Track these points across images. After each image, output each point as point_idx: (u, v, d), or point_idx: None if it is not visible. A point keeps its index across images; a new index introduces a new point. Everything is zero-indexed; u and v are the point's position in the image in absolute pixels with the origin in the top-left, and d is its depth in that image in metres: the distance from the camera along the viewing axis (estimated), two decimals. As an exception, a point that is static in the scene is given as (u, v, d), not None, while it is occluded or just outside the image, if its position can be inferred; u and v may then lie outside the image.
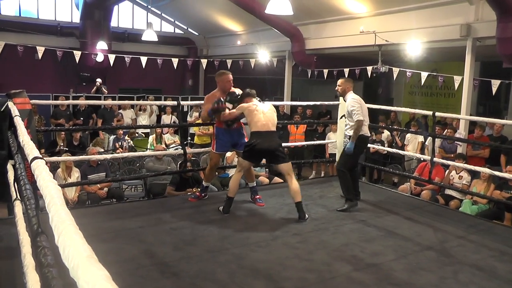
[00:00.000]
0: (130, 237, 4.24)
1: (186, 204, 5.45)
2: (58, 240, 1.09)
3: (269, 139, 4.90)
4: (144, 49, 15.05)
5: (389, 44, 9.89)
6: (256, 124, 4.93)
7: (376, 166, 8.07)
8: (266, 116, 5.01)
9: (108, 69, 13.98)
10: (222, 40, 16.04)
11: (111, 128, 10.29)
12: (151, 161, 8.08)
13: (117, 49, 14.49)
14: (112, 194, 7.33)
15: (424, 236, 4.56)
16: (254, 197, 5.52)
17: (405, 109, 7.81)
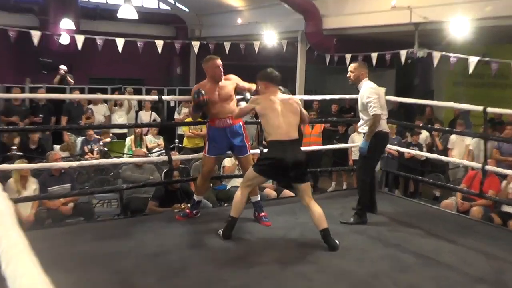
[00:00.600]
0: (102, 265, 4.22)
1: (173, 223, 5.43)
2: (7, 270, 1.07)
3: (294, 152, 4.81)
4: (121, 29, 15.09)
5: (428, 22, 9.89)
6: (276, 131, 4.82)
7: (412, 176, 8.06)
8: (287, 117, 4.89)
9: (75, 53, 13.99)
10: (218, 18, 16.10)
11: (79, 128, 10.34)
12: (128, 169, 8.09)
13: (87, 28, 14.54)
14: (79, 210, 7.32)
15: (475, 265, 4.51)
16: (258, 215, 5.51)
17: (448, 103, 7.81)
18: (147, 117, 12.18)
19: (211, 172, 5.64)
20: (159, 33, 16.57)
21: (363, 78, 5.60)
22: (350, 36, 12.53)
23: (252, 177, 4.95)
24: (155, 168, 8.35)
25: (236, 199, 4.92)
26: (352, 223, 5.48)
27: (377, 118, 5.38)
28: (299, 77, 13.71)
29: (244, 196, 4.94)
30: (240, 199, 4.91)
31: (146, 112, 12.34)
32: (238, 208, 4.91)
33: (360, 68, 5.62)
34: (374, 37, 12.38)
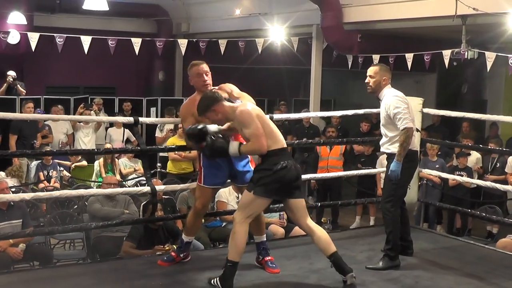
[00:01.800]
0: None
1: (154, 270, 5.40)
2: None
3: (289, 157, 5.03)
4: (87, 25, 15.14)
5: (479, 14, 9.92)
6: (277, 138, 4.97)
7: (459, 208, 8.01)
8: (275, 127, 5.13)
9: (27, 56, 14.06)
10: (211, 9, 16.08)
11: (31, 155, 10.16)
12: (97, 201, 8.09)
13: (43, 24, 14.59)
14: (33, 253, 7.30)
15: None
16: (263, 260, 5.48)
17: (505, 118, 7.78)
18: (119, 136, 12.23)
19: (206, 207, 5.61)
20: (136, 29, 16.58)
21: (386, 85, 5.66)
22: (379, 32, 12.56)
23: (252, 203, 4.92)
24: (131, 200, 8.36)
25: (235, 237, 4.86)
26: (381, 269, 5.48)
27: (410, 133, 5.41)
28: (313, 83, 13.71)
29: (246, 232, 4.91)
30: (242, 236, 4.87)
31: (118, 129, 12.39)
32: (238, 249, 4.85)
33: (382, 73, 5.66)
34: (409, 33, 12.41)
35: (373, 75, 5.63)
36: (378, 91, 5.65)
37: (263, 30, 13.68)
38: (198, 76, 5.41)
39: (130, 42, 13.37)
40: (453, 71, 13.66)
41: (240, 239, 4.85)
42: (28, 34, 12.83)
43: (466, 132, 11.88)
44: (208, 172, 5.39)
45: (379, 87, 5.63)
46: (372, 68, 5.72)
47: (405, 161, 5.49)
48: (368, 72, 5.69)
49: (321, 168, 10.64)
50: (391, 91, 5.62)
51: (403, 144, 5.40)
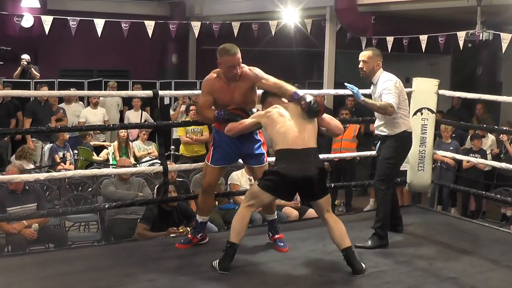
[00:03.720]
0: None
1: (168, 252, 5.43)
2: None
3: (307, 162, 4.87)
4: (100, 8, 15.16)
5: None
6: (285, 137, 4.90)
7: (474, 190, 7.98)
8: (299, 121, 4.98)
9: (41, 39, 14.10)
10: (224, -8, 16.08)
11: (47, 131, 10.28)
12: (111, 183, 8.11)
13: (56, 7, 14.57)
14: (48, 235, 7.31)
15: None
16: (272, 237, 5.53)
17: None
18: (137, 118, 12.26)
19: (212, 186, 5.58)
20: (149, 12, 16.60)
21: (379, 69, 5.72)
22: (393, 14, 12.50)
23: (256, 193, 4.96)
24: (145, 182, 8.38)
25: (236, 220, 4.92)
26: (369, 247, 5.55)
27: (389, 109, 5.44)
28: (327, 65, 13.67)
29: (246, 217, 4.95)
30: (241, 220, 4.92)
31: (136, 112, 12.42)
32: (238, 231, 4.89)
33: (375, 57, 5.72)
34: (423, 14, 12.33)
35: (366, 60, 5.70)
36: (371, 76, 5.73)
37: (277, 12, 13.65)
38: (230, 68, 5.20)
39: (143, 25, 13.38)
40: (468, 53, 13.57)
41: (238, 221, 4.91)
42: (41, 18, 12.86)
43: (480, 114, 11.82)
44: (217, 151, 5.41)
45: (372, 72, 5.71)
46: (365, 53, 5.76)
47: (400, 142, 5.69)
48: (361, 57, 5.74)
49: (335, 150, 10.58)
50: (386, 75, 5.69)
51: (379, 108, 5.49)
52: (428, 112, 6.93)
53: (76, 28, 13.02)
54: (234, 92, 5.27)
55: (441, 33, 11.85)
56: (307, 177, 4.82)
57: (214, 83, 5.33)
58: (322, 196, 4.96)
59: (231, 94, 5.27)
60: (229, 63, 5.18)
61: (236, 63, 5.18)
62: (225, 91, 5.27)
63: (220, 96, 5.29)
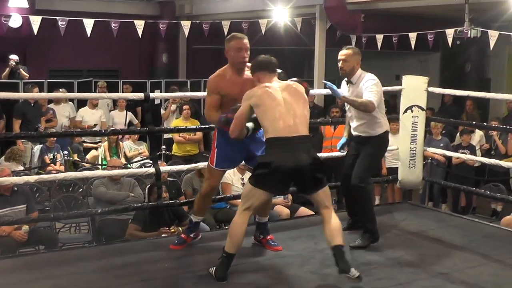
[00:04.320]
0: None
1: (159, 252, 5.42)
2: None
3: (298, 150, 4.62)
4: (89, 7, 15.11)
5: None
6: (275, 125, 4.65)
7: (464, 187, 8.01)
8: (290, 107, 4.74)
9: (29, 40, 14.03)
10: (214, -9, 16.08)
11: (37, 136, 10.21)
12: (102, 184, 8.10)
13: (45, 7, 14.46)
14: (38, 237, 7.30)
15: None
16: (264, 239, 5.48)
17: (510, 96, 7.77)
18: (122, 118, 12.23)
19: (215, 189, 5.53)
20: (139, 11, 16.54)
21: (358, 68, 5.67)
22: (382, 12, 12.51)
23: (250, 192, 4.73)
24: (136, 182, 8.36)
25: (233, 228, 4.70)
26: (364, 246, 5.51)
27: (370, 107, 5.41)
28: (317, 64, 13.71)
29: (244, 224, 4.69)
30: (239, 228, 4.68)
31: (120, 112, 12.38)
32: (236, 240, 4.68)
33: (356, 56, 5.66)
34: (413, 12, 12.35)
35: (347, 59, 5.63)
36: (351, 75, 5.66)
37: (267, 11, 13.65)
38: (237, 51, 5.11)
39: (133, 24, 13.35)
40: (457, 50, 13.64)
41: (235, 230, 4.68)
42: (30, 18, 12.79)
43: (469, 110, 11.87)
44: (221, 154, 5.24)
45: (352, 71, 5.64)
46: (345, 51, 5.68)
47: (381, 142, 5.72)
48: (341, 56, 5.67)
49: (325, 148, 10.59)
50: (368, 75, 5.63)
51: (360, 104, 5.44)
52: (418, 109, 6.95)
53: (65, 28, 12.97)
54: (245, 85, 5.06)
55: (430, 30, 11.88)
56: (299, 166, 4.57)
57: (219, 80, 5.18)
58: (317, 189, 4.71)
59: (241, 88, 5.05)
60: (237, 45, 5.12)
61: (243, 46, 5.12)
62: (234, 84, 5.12)
63: (229, 91, 5.11)
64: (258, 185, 4.66)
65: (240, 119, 4.78)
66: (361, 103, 5.45)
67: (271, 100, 4.72)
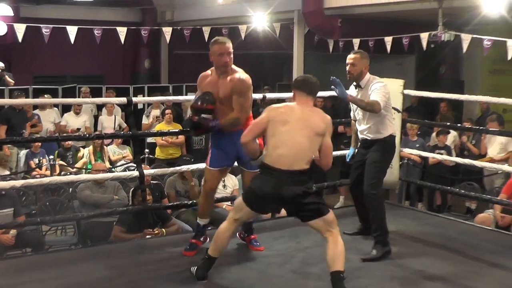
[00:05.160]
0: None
1: (143, 254, 5.41)
2: None
3: (283, 184, 4.41)
4: (73, 15, 15.05)
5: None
6: (272, 152, 4.50)
7: (439, 186, 8.05)
8: (295, 138, 4.49)
9: (14, 47, 13.94)
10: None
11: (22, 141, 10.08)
12: (87, 187, 8.06)
13: (29, 15, 14.45)
14: (25, 240, 7.25)
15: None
16: (248, 237, 5.49)
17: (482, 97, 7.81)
18: (111, 123, 12.17)
19: (214, 189, 5.49)
20: (122, 18, 16.56)
21: (367, 72, 5.55)
22: (358, 16, 12.55)
23: (240, 206, 4.64)
24: (121, 185, 8.33)
25: (219, 233, 4.65)
26: (377, 258, 5.27)
27: (376, 107, 5.29)
28: (296, 67, 13.71)
29: (229, 231, 4.64)
30: (224, 234, 4.64)
31: (109, 116, 12.31)
32: (219, 246, 4.65)
33: (364, 60, 5.54)
34: (388, 17, 12.41)
35: (355, 63, 5.51)
36: (359, 79, 5.53)
37: (246, 17, 13.64)
38: (219, 55, 5.09)
39: (116, 31, 13.30)
40: (431, 53, 13.70)
41: (220, 235, 4.64)
42: (14, 25, 12.71)
43: (444, 111, 11.96)
44: (214, 154, 5.29)
45: (360, 75, 5.51)
46: (353, 56, 5.56)
47: (386, 146, 5.54)
48: (349, 60, 5.55)
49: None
50: (375, 79, 5.52)
51: (367, 104, 5.31)
52: (394, 111, 6.95)
53: (49, 35, 12.87)
54: (220, 88, 5.12)
55: (405, 34, 11.93)
56: (279, 195, 4.40)
57: (202, 79, 5.28)
58: (313, 218, 4.45)
59: (217, 89, 5.12)
60: (219, 51, 5.08)
61: (225, 51, 5.08)
62: (213, 85, 5.15)
63: (207, 90, 5.16)
64: (246, 203, 4.55)
65: (257, 126, 4.64)
66: (367, 103, 5.33)
67: (282, 123, 4.52)
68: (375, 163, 5.50)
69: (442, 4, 10.33)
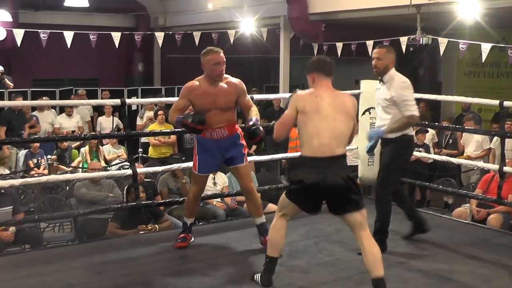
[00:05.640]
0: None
1: (138, 249, 5.41)
2: None
3: (329, 171, 4.20)
4: (70, 21, 14.99)
5: (431, 3, 9.96)
6: (310, 142, 4.29)
7: (418, 182, 8.07)
8: (331, 123, 4.29)
9: (13, 51, 13.86)
10: (186, 3, 16.04)
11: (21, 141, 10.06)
12: (83, 186, 8.04)
13: (28, 21, 14.39)
14: (24, 237, 7.19)
15: (495, 283, 4.58)
16: (264, 240, 5.21)
17: (458, 98, 7.87)
18: (109, 124, 12.15)
19: (202, 191, 5.50)
20: (116, 24, 16.50)
21: (392, 67, 5.33)
22: (341, 21, 12.56)
23: (284, 203, 4.42)
24: (115, 184, 8.31)
25: (272, 233, 4.47)
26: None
27: (413, 120, 5.14)
28: (282, 70, 13.74)
29: (281, 229, 4.43)
30: (277, 232, 4.43)
31: (107, 118, 12.30)
32: (276, 244, 4.44)
33: (389, 54, 5.33)
34: (369, 22, 12.42)
35: (381, 57, 5.28)
36: (384, 73, 5.30)
37: (235, 22, 13.64)
38: (215, 65, 5.00)
39: (110, 36, 13.26)
40: (410, 56, 13.70)
41: (274, 235, 4.43)
42: (13, 31, 12.68)
43: (423, 111, 11.99)
44: (201, 160, 5.24)
45: (386, 69, 5.29)
46: (379, 50, 5.35)
47: (401, 146, 5.26)
48: (375, 54, 5.33)
49: (291, 148, 10.60)
50: (397, 76, 5.30)
51: (401, 126, 5.11)
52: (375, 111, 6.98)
53: (47, 40, 12.86)
54: (218, 96, 5.06)
55: (386, 38, 11.93)
56: (325, 185, 4.17)
57: (193, 89, 5.11)
58: (351, 210, 4.24)
59: (213, 98, 5.05)
60: (214, 60, 5.02)
61: (220, 60, 5.03)
62: (207, 95, 5.05)
63: (200, 101, 5.07)
64: (291, 199, 4.37)
65: (287, 122, 4.44)
66: (403, 124, 5.12)
67: (315, 111, 4.29)
68: (385, 166, 5.31)
69: (420, 10, 10.35)
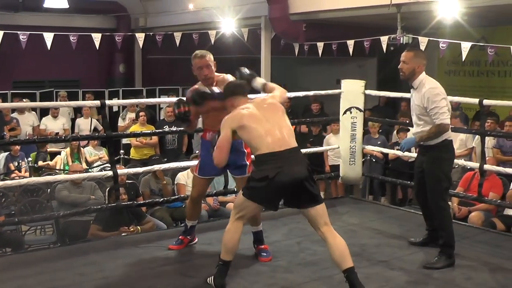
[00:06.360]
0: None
1: (120, 251, 5.40)
2: None
3: (294, 164, 4.24)
4: (49, 22, 14.89)
5: (412, 3, 10.02)
6: (263, 141, 4.30)
7: (400, 181, 8.12)
8: (273, 121, 4.40)
9: (-7, 53, 13.80)
10: (166, 4, 16.01)
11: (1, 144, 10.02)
12: (64, 188, 7.99)
13: (7, 22, 14.25)
14: (5, 240, 7.18)
15: (476, 280, 4.61)
16: (258, 247, 5.22)
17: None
18: (87, 125, 12.08)
19: (202, 195, 5.48)
20: (96, 25, 16.40)
21: (420, 72, 5.07)
22: (322, 21, 12.60)
23: (242, 204, 4.40)
24: (97, 185, 8.27)
25: (227, 236, 4.40)
26: (439, 267, 4.88)
27: (443, 129, 4.89)
28: (264, 70, 13.72)
29: (236, 231, 4.39)
30: (232, 236, 4.38)
31: (85, 119, 12.22)
32: (230, 248, 4.39)
33: (417, 59, 5.07)
34: (350, 21, 12.46)
35: (407, 61, 5.07)
36: (411, 79, 5.08)
37: (215, 22, 13.62)
38: (198, 69, 5.16)
39: (91, 37, 13.20)
40: (391, 55, 13.73)
41: (229, 237, 4.39)
42: (-8, 33, 12.58)
43: (404, 110, 12.05)
44: (204, 163, 5.20)
45: (412, 74, 5.06)
46: (406, 53, 5.12)
47: (445, 152, 5.02)
48: (402, 58, 5.11)
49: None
50: (428, 81, 5.07)
51: (431, 135, 4.90)
52: (356, 110, 7.03)
53: (27, 41, 12.75)
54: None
55: (366, 38, 11.99)
56: (296, 179, 4.20)
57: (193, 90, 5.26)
58: (313, 204, 4.29)
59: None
60: (197, 65, 5.17)
61: (203, 65, 5.16)
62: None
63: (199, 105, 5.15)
64: (252, 198, 4.33)
65: (225, 143, 4.40)
66: (433, 133, 4.89)
67: (252, 119, 4.37)
68: (430, 176, 5.05)
69: (400, 9, 10.40)
